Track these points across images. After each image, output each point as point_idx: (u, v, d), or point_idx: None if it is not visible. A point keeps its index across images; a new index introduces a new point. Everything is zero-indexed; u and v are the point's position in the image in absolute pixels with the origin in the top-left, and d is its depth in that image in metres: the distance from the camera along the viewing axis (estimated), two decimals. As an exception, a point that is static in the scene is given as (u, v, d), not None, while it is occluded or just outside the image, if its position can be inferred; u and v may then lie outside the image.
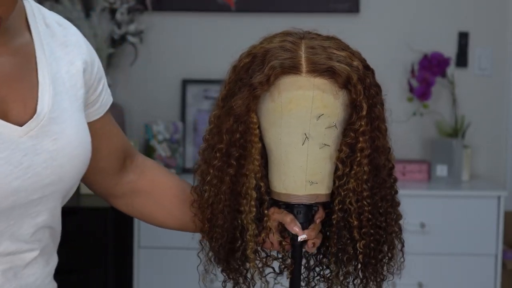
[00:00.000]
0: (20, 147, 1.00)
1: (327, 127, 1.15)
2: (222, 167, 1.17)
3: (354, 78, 1.13)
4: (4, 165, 0.98)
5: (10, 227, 1.02)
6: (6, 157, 0.98)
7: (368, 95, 1.15)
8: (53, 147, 1.04)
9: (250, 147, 1.16)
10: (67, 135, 1.06)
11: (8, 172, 0.98)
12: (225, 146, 1.16)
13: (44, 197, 1.05)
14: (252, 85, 1.13)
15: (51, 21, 1.13)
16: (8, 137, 0.99)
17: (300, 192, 1.18)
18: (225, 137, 1.16)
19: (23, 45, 1.07)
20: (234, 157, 1.16)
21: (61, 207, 1.13)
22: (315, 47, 1.15)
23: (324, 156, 1.17)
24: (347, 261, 1.20)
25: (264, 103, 1.16)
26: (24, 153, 1.00)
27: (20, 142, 1.00)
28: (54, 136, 1.04)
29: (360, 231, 1.18)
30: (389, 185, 1.20)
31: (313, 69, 1.13)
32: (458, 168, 3.00)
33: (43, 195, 1.05)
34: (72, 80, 1.12)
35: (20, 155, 1.00)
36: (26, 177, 1.01)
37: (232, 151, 1.16)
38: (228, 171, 1.17)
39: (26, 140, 1.01)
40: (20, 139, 1.00)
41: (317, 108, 1.14)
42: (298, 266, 1.22)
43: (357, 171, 1.16)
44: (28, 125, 1.02)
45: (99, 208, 2.74)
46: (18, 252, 1.05)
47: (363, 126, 1.15)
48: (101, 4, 3.06)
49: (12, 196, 1.00)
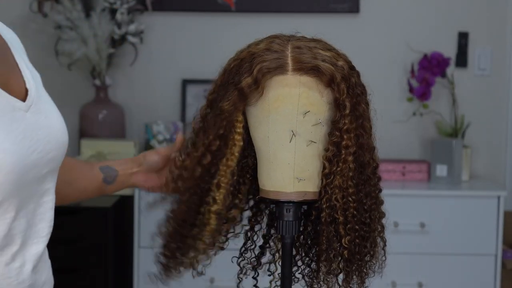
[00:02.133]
0: (28, 122, 1.04)
1: (314, 124, 1.18)
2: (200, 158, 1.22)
3: (337, 77, 1.16)
4: (23, 139, 1.01)
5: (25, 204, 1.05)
6: (23, 131, 1.02)
7: (352, 94, 1.17)
8: (48, 122, 1.09)
9: (232, 144, 1.21)
10: (52, 112, 1.12)
11: (28, 145, 1.02)
12: (209, 141, 1.21)
13: (48, 173, 1.09)
14: (241, 86, 1.17)
15: None
16: (20, 112, 1.03)
17: (288, 189, 1.20)
18: (211, 135, 1.21)
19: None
20: (212, 150, 1.21)
21: None
22: (301, 47, 1.18)
23: (311, 153, 1.19)
24: (334, 258, 1.22)
25: (252, 103, 1.19)
26: (32, 128, 1.04)
27: (27, 117, 1.04)
28: (45, 113, 1.09)
29: (345, 227, 1.20)
30: (373, 183, 1.23)
31: (299, 68, 1.16)
32: (458, 168, 3.00)
33: (48, 170, 1.08)
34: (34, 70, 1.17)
35: (30, 129, 1.04)
36: (38, 150, 1.05)
37: (212, 145, 1.21)
38: (203, 162, 1.22)
39: (30, 116, 1.05)
40: (26, 114, 1.05)
41: (304, 105, 1.16)
42: (288, 264, 1.24)
43: (342, 168, 1.18)
44: (28, 101, 1.06)
45: (99, 208, 2.75)
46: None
47: (347, 124, 1.17)
48: (101, 4, 3.06)
49: (33, 170, 1.03)
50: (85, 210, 2.77)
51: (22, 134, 1.01)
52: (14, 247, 1.04)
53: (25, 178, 1.02)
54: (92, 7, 3.08)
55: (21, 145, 1.00)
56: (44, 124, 1.07)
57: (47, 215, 1.10)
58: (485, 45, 3.21)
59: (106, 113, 3.09)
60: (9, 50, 1.11)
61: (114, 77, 3.20)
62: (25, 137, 1.02)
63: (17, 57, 1.12)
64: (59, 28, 3.04)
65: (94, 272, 2.77)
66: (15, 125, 1.01)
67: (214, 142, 1.21)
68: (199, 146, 1.22)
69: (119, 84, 3.23)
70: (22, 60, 1.13)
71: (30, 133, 1.03)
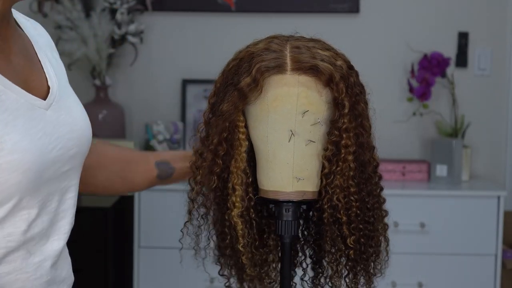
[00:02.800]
0: (48, 119, 1.05)
1: (312, 124, 1.18)
2: (211, 167, 1.21)
3: (336, 76, 1.16)
4: (42, 137, 1.02)
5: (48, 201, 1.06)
6: (42, 128, 1.03)
7: (351, 94, 1.17)
8: (70, 119, 1.10)
9: (238, 145, 1.20)
10: (74, 109, 1.13)
11: (47, 142, 1.03)
12: (214, 147, 1.20)
13: (70, 170, 1.09)
14: (240, 86, 1.17)
15: (19, 15, 1.17)
16: (39, 110, 1.04)
17: (287, 188, 1.20)
18: (215, 137, 1.20)
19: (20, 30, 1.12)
20: (220, 155, 1.20)
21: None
22: (300, 47, 1.18)
23: (310, 153, 1.19)
24: (339, 258, 1.22)
25: (251, 103, 1.19)
26: (53, 125, 1.06)
27: (47, 115, 1.06)
28: (67, 110, 1.10)
29: (349, 226, 1.20)
30: (374, 182, 1.23)
31: (297, 67, 1.16)
32: (458, 168, 3.00)
33: (70, 167, 1.09)
34: (61, 65, 1.19)
35: (51, 127, 1.05)
36: (58, 147, 1.06)
37: (219, 150, 1.20)
38: (215, 170, 1.21)
39: (51, 113, 1.06)
40: (46, 112, 1.05)
41: (302, 104, 1.16)
42: (287, 264, 1.24)
43: (343, 168, 1.18)
44: (49, 99, 1.07)
45: (99, 208, 2.75)
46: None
47: (346, 123, 1.17)
48: (101, 4, 3.06)
49: (52, 167, 1.04)
50: (85, 210, 2.77)
51: (42, 131, 1.03)
52: (34, 243, 1.05)
53: (44, 175, 1.03)
54: (92, 7, 3.07)
55: (39, 143, 1.01)
56: (66, 121, 1.08)
57: (69, 212, 1.11)
58: (485, 45, 3.21)
59: (106, 113, 3.09)
60: (31, 47, 1.12)
61: (114, 77, 3.20)
62: (44, 134, 1.03)
63: (41, 54, 1.13)
64: (59, 28, 3.04)
65: (94, 272, 2.77)
66: (33, 123, 1.02)
67: (221, 147, 1.20)
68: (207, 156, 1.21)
69: (119, 84, 3.24)
70: (46, 56, 1.13)
71: (50, 130, 1.04)
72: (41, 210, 1.04)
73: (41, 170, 1.01)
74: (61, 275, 1.11)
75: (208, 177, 1.22)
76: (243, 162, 1.21)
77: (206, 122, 1.23)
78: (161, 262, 2.86)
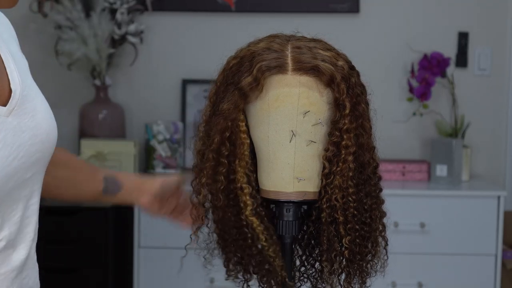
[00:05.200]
0: (9, 127, 0.99)
1: (314, 124, 1.18)
2: (216, 167, 1.20)
3: (337, 77, 1.16)
4: (2, 148, 0.97)
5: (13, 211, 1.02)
6: (2, 139, 0.97)
7: (352, 94, 1.17)
8: (33, 123, 1.04)
9: (240, 144, 1.20)
10: (40, 111, 1.06)
11: (8, 153, 0.98)
12: (216, 146, 1.19)
13: (33, 175, 1.05)
14: (241, 86, 1.16)
15: None
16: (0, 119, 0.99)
17: (288, 189, 1.20)
18: (216, 137, 1.19)
19: None
20: (224, 155, 1.19)
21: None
22: (301, 47, 1.18)
23: (311, 153, 1.19)
24: (334, 258, 1.22)
25: (252, 103, 1.19)
26: (13, 133, 1.00)
27: (7, 122, 0.99)
28: (31, 113, 1.04)
29: (346, 226, 1.20)
30: (373, 183, 1.22)
31: (298, 68, 1.16)
32: (458, 168, 3.00)
33: (33, 173, 1.04)
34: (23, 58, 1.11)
35: (11, 135, 0.99)
36: (19, 156, 1.00)
37: (222, 150, 1.19)
38: (220, 170, 1.20)
39: (12, 120, 1.00)
40: (7, 119, 0.99)
41: (303, 105, 1.16)
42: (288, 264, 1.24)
43: (342, 168, 1.18)
44: (10, 105, 1.01)
45: (99, 208, 2.75)
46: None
47: (347, 124, 1.17)
48: (101, 4, 3.06)
49: (14, 176, 1.00)
50: (85, 210, 2.77)
51: (1, 142, 0.97)
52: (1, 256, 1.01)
53: (6, 188, 0.98)
54: (92, 7, 3.07)
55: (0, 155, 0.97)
56: (28, 126, 1.03)
57: (33, 219, 1.07)
58: (485, 45, 3.21)
59: (106, 113, 3.09)
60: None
61: (114, 77, 3.20)
62: (4, 145, 0.97)
63: (3, 51, 1.05)
64: (59, 28, 3.04)
65: (94, 272, 2.77)
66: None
67: (224, 147, 1.19)
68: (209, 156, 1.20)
69: (119, 84, 3.24)
70: (9, 53, 1.06)
71: (10, 139, 0.99)
72: (6, 222, 1.00)
73: (2, 182, 0.97)
74: (27, 284, 1.07)
75: (214, 178, 1.21)
76: (247, 160, 1.21)
77: (206, 121, 1.23)
78: (161, 262, 2.86)
